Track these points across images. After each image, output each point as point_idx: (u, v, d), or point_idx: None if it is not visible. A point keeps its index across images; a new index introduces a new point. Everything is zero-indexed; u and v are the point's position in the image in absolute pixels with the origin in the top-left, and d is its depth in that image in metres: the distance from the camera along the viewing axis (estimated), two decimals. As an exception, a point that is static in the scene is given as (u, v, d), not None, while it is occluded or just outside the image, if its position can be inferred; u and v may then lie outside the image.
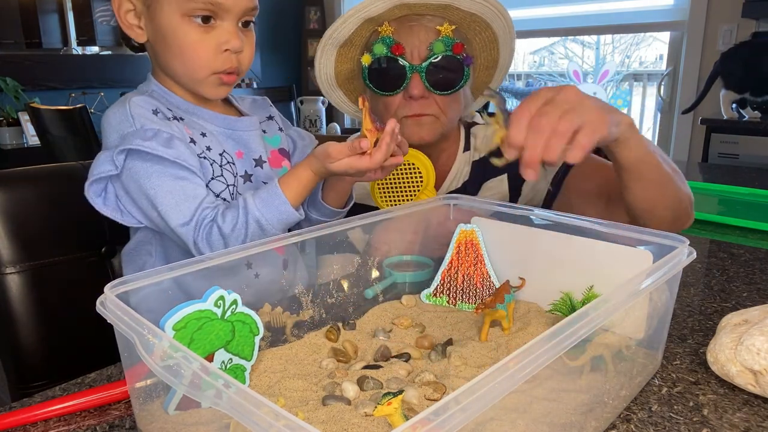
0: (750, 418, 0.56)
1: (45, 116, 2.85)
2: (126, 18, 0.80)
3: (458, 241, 0.78)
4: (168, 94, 0.85)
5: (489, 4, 0.96)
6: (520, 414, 0.44)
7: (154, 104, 0.81)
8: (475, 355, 0.62)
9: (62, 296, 0.96)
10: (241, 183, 0.87)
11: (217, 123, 0.87)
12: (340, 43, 1.03)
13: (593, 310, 0.46)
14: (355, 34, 1.01)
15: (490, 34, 1.01)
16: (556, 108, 0.65)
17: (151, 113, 0.80)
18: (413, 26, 0.97)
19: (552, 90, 0.67)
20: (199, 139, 0.84)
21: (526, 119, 0.65)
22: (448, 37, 0.96)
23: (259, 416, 0.33)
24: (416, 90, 0.96)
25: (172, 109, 0.84)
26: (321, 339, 0.67)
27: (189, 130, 0.83)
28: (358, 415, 0.50)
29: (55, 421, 0.57)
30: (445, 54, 0.95)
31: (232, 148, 0.88)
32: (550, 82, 4.17)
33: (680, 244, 0.61)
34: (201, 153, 0.83)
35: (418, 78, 0.96)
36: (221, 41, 0.79)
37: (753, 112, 2.69)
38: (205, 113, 0.87)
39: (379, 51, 0.97)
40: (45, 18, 3.96)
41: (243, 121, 0.90)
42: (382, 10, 0.95)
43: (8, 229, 0.91)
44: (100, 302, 0.48)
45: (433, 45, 0.95)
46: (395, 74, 0.97)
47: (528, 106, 0.66)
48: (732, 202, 1.44)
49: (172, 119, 0.82)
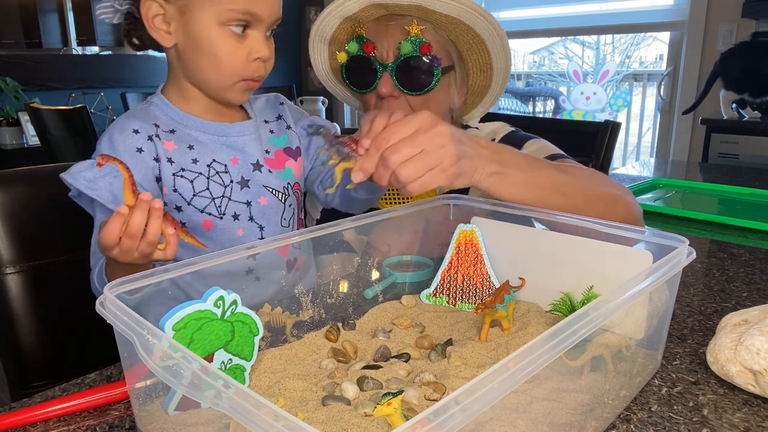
0: (750, 418, 0.56)
1: (45, 116, 2.86)
2: (153, 22, 0.80)
3: (458, 241, 0.78)
4: (167, 106, 0.87)
5: (465, 6, 0.94)
6: (520, 414, 0.44)
7: (138, 123, 0.83)
8: (475, 355, 0.62)
9: (62, 296, 0.96)
10: (238, 189, 0.87)
11: (209, 132, 0.88)
12: (327, 39, 1.04)
13: (593, 310, 0.46)
14: (338, 31, 1.03)
15: (474, 35, 0.99)
16: (413, 146, 0.67)
17: (129, 134, 0.82)
18: (389, 26, 0.98)
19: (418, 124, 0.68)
20: (183, 153, 0.84)
21: (378, 151, 0.68)
22: (416, 38, 0.96)
23: (258, 416, 0.33)
24: (384, 89, 0.98)
25: (166, 122, 0.86)
26: (321, 339, 0.67)
27: (173, 146, 0.84)
28: (357, 415, 0.50)
29: (55, 421, 0.57)
30: (413, 54, 0.96)
31: (227, 155, 0.88)
32: (550, 82, 4.17)
33: (680, 244, 0.61)
34: (177, 172, 0.83)
35: (388, 77, 0.98)
36: (253, 50, 0.82)
37: (753, 112, 2.69)
38: (198, 123, 0.87)
39: (351, 49, 1.00)
40: (45, 18, 3.97)
41: (236, 126, 0.90)
42: (356, 9, 0.97)
43: (8, 229, 0.91)
44: (99, 302, 0.48)
45: (401, 45, 0.96)
46: (367, 73, 0.99)
47: (386, 136, 0.68)
48: (732, 202, 1.44)
49: (156, 136, 0.83)
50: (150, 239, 0.67)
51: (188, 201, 0.84)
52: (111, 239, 0.66)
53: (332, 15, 0.99)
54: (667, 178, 1.66)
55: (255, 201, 0.88)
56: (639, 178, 1.73)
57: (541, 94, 4.11)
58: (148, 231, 0.66)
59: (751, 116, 2.69)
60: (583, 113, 3.81)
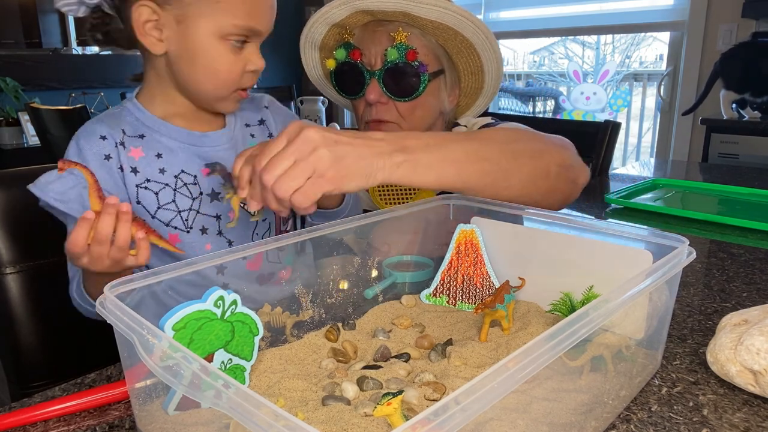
0: (750, 418, 0.56)
1: (45, 116, 2.86)
2: (144, 27, 0.78)
3: (458, 241, 0.78)
4: (140, 110, 0.85)
5: (450, 12, 0.93)
6: (520, 414, 0.44)
7: (105, 129, 0.81)
8: (475, 355, 0.62)
9: (62, 296, 0.96)
10: (207, 202, 0.85)
11: (180, 139, 0.85)
12: (317, 45, 1.05)
13: (593, 310, 0.46)
14: (327, 38, 1.03)
15: (462, 39, 0.99)
16: (283, 160, 0.63)
17: (96, 140, 0.80)
18: (376, 32, 0.99)
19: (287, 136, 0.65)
20: (150, 162, 0.82)
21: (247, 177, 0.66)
22: (402, 44, 0.96)
23: (258, 416, 0.33)
24: (372, 95, 0.98)
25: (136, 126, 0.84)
26: (321, 339, 0.67)
27: (141, 153, 0.82)
28: (357, 415, 0.50)
29: (54, 421, 0.57)
30: (400, 61, 0.96)
31: (197, 166, 0.85)
32: (550, 82, 4.17)
33: (680, 244, 0.61)
34: (142, 183, 0.81)
35: (375, 83, 0.98)
36: (250, 62, 0.81)
37: (753, 112, 2.69)
38: (170, 129, 0.85)
39: (339, 56, 1.01)
40: (45, 18, 3.97)
41: (209, 136, 0.87)
42: (343, 16, 0.97)
43: (8, 229, 0.91)
44: (99, 302, 0.48)
45: (387, 51, 0.97)
46: (355, 79, 1.00)
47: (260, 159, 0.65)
48: (732, 202, 1.44)
49: (121, 143, 0.81)
50: (120, 244, 0.64)
51: (152, 214, 0.82)
52: (78, 247, 0.64)
53: (319, 22, 1.00)
54: (667, 178, 1.66)
55: (225, 214, 0.85)
56: (639, 178, 1.73)
57: (541, 94, 4.11)
58: (118, 236, 0.64)
59: (751, 116, 2.70)
60: (583, 113, 3.81)
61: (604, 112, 3.77)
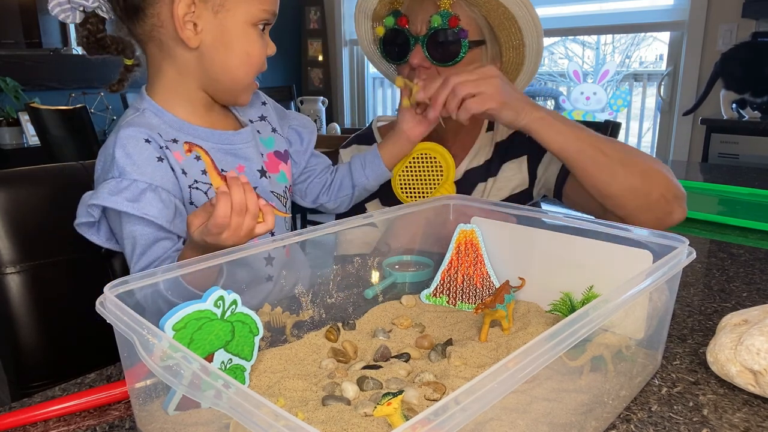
0: (750, 418, 0.56)
1: (45, 116, 2.86)
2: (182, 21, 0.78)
3: (458, 241, 0.78)
4: (163, 113, 0.83)
5: None
6: (520, 414, 0.44)
7: (145, 132, 0.79)
8: (475, 355, 0.62)
9: (62, 296, 0.96)
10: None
11: (213, 140, 0.85)
12: (369, 15, 1.09)
13: (593, 310, 0.46)
14: (379, 7, 1.08)
15: (505, 11, 1.01)
16: (471, 74, 0.87)
17: (142, 144, 0.78)
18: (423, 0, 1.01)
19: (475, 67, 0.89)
20: (191, 164, 0.82)
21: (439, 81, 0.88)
22: (446, 11, 0.99)
23: (259, 416, 0.33)
24: (415, 60, 1.01)
25: (166, 131, 0.82)
26: (321, 339, 0.67)
27: (181, 156, 0.81)
28: (357, 415, 0.50)
29: (55, 421, 0.57)
30: (442, 27, 0.99)
31: (232, 164, 0.86)
32: (550, 82, 4.17)
33: (680, 244, 0.61)
34: (192, 183, 0.81)
35: (419, 48, 1.01)
36: (270, 47, 0.85)
37: (753, 112, 2.69)
38: (201, 132, 0.84)
39: (388, 23, 1.04)
40: (45, 18, 3.96)
41: (240, 134, 0.88)
42: None
43: (8, 229, 0.91)
44: (99, 302, 0.48)
45: (432, 18, 0.99)
46: (401, 45, 1.04)
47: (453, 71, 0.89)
48: (732, 202, 1.44)
49: (165, 146, 0.80)
50: (253, 212, 0.67)
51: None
52: (226, 218, 0.65)
53: None
54: (667, 178, 1.65)
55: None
56: (639, 178, 1.73)
57: (541, 94, 4.11)
58: (249, 204, 0.66)
59: (751, 116, 2.69)
60: (583, 113, 3.81)
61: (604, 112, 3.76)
